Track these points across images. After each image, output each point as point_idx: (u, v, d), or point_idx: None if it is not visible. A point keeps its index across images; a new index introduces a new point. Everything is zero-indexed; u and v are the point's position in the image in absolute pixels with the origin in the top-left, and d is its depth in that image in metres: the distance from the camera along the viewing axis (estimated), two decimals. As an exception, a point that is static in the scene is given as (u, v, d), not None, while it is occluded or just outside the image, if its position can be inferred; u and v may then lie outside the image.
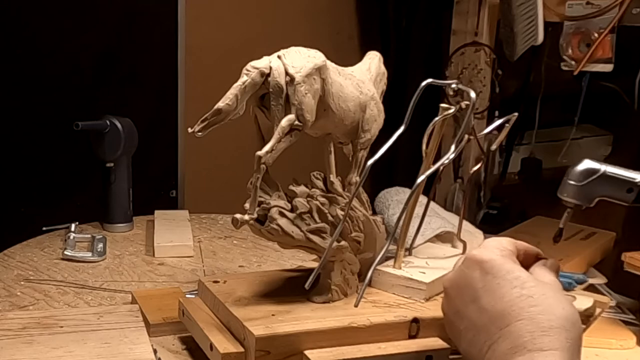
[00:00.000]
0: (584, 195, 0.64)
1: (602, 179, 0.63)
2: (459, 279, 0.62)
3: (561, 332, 0.55)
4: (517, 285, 0.58)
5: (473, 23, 1.60)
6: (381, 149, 0.70)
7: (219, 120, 0.71)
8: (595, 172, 0.63)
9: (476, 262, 0.61)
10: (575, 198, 0.64)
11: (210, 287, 0.80)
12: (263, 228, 0.74)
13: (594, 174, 0.63)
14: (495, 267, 0.60)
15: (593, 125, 2.09)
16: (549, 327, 0.55)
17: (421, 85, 0.74)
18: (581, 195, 0.64)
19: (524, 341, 0.54)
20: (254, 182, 0.71)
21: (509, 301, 0.57)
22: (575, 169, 0.64)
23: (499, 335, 0.56)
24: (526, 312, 0.56)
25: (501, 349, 0.56)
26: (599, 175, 0.63)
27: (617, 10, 1.35)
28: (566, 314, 0.56)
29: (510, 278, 0.59)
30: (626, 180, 0.62)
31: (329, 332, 0.71)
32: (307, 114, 0.72)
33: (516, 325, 0.56)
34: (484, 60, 1.61)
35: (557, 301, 0.57)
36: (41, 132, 1.46)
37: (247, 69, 0.72)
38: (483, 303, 0.59)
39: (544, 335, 0.54)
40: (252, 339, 0.69)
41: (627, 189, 0.62)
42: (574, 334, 0.56)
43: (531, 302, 0.56)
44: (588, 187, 0.63)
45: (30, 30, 1.42)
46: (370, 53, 0.87)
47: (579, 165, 0.64)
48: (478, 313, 0.59)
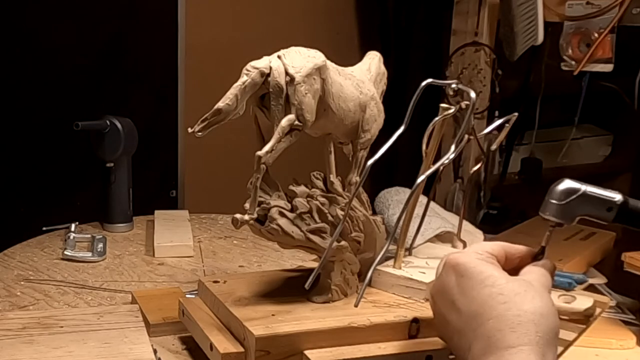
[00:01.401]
0: (565, 214, 0.64)
1: (582, 198, 0.63)
2: (439, 284, 0.63)
3: (530, 326, 0.55)
4: (489, 285, 0.58)
5: (473, 23, 1.60)
6: (381, 149, 0.70)
7: (219, 120, 0.71)
8: (576, 192, 0.63)
9: (451, 266, 0.62)
10: (556, 217, 0.65)
11: (210, 287, 0.80)
12: (263, 228, 0.74)
13: (574, 194, 0.63)
14: (468, 270, 0.60)
15: (593, 125, 2.09)
16: (517, 323, 0.55)
17: (421, 85, 0.74)
18: (562, 214, 0.64)
19: (495, 340, 0.55)
20: (254, 182, 0.71)
21: (480, 301, 0.57)
22: (557, 188, 0.64)
23: (474, 337, 0.57)
24: (495, 311, 0.56)
25: (476, 351, 0.56)
26: (579, 195, 0.63)
27: (617, 10, 1.35)
28: (535, 307, 0.56)
29: (482, 278, 0.59)
30: (606, 200, 0.63)
31: (329, 332, 0.71)
32: (307, 114, 0.72)
33: (487, 324, 0.56)
34: (484, 60, 1.61)
35: (526, 296, 0.57)
36: (41, 132, 1.46)
37: (247, 69, 0.72)
38: (459, 305, 0.59)
39: (512, 332, 0.54)
40: (252, 339, 0.69)
41: (607, 208, 0.63)
42: (546, 327, 0.55)
43: (500, 299, 0.56)
44: (569, 206, 0.64)
45: (30, 30, 1.42)
46: (370, 53, 0.87)
47: (559, 185, 0.65)
48: (457, 316, 0.60)
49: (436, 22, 1.93)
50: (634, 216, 0.62)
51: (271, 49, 0.75)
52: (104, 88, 1.51)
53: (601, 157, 2.13)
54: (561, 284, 1.03)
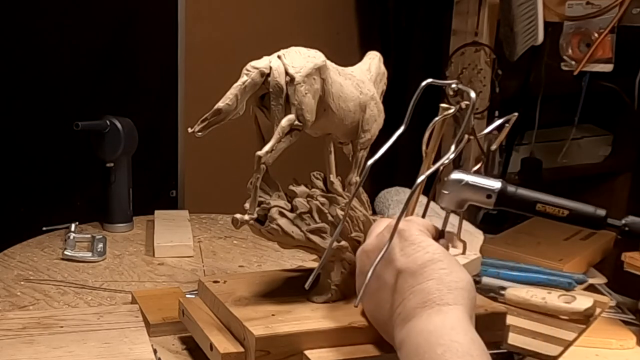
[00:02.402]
0: (453, 202, 0.72)
1: (466, 187, 0.71)
2: (380, 244, 0.68)
3: (464, 292, 0.64)
4: (429, 252, 0.66)
5: (473, 23, 1.60)
6: (381, 149, 0.70)
7: (219, 120, 0.71)
8: (460, 182, 0.71)
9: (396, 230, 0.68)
10: (448, 205, 0.73)
11: (210, 287, 0.80)
12: (263, 228, 0.74)
13: (459, 183, 0.71)
14: (412, 236, 0.67)
15: (593, 125, 2.09)
16: (455, 287, 0.63)
17: (421, 85, 0.74)
18: (451, 202, 0.72)
19: (433, 297, 0.63)
20: (254, 182, 0.71)
21: (421, 264, 0.65)
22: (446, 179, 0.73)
23: (411, 292, 0.64)
24: (436, 274, 0.64)
25: (411, 304, 0.63)
26: (463, 185, 0.71)
27: (617, 10, 1.35)
28: (467, 278, 0.65)
29: (424, 245, 0.67)
30: (486, 188, 0.70)
31: (329, 332, 0.71)
32: (307, 114, 0.72)
33: (427, 284, 0.64)
34: (484, 60, 1.61)
35: (460, 268, 0.66)
36: (41, 132, 1.46)
37: (247, 69, 0.72)
38: (399, 265, 0.66)
39: (449, 293, 0.63)
40: (252, 338, 0.69)
41: (487, 195, 0.70)
42: (473, 295, 0.65)
43: (441, 265, 0.65)
44: (456, 195, 0.72)
45: (30, 30, 1.42)
46: (370, 53, 0.87)
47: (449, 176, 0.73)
48: (393, 273, 0.67)
49: (436, 22, 1.93)
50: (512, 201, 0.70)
51: (271, 49, 0.75)
52: (104, 88, 1.51)
53: (601, 157, 2.13)
54: (561, 284, 1.03)
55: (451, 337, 0.59)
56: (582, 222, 0.70)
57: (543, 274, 1.05)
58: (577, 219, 0.69)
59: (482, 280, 1.01)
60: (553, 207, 0.69)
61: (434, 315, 0.61)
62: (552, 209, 0.69)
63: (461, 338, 0.59)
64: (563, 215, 0.69)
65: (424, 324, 0.61)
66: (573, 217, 0.69)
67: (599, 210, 0.69)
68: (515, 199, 0.70)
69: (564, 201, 0.70)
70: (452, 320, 0.61)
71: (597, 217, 0.69)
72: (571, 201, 0.70)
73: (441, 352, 0.58)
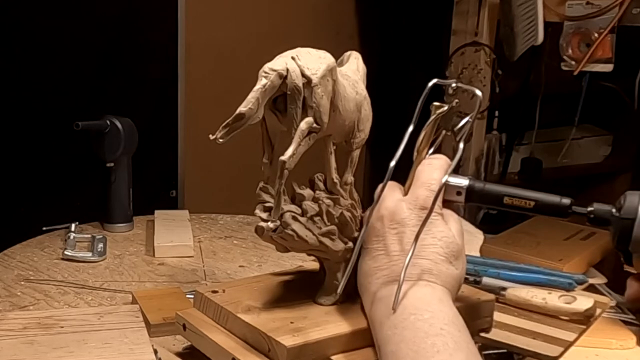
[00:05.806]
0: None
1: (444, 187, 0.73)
2: (399, 212, 0.71)
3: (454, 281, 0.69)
4: (437, 237, 0.69)
5: (473, 23, 1.60)
6: (398, 149, 0.71)
7: (240, 125, 0.68)
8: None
9: (421, 209, 0.70)
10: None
11: (213, 298, 0.77)
12: (276, 234, 0.72)
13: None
14: (436, 220, 0.70)
15: (593, 125, 2.10)
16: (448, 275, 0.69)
17: (428, 85, 0.74)
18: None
19: (429, 268, 0.68)
20: (277, 188, 0.69)
21: (426, 245, 0.69)
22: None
23: (412, 263, 0.67)
24: (440, 257, 0.69)
25: (409, 274, 0.67)
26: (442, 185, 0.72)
27: (617, 10, 1.35)
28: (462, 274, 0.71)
29: (437, 233, 0.70)
30: (455, 186, 0.73)
31: (351, 335, 0.70)
32: (324, 116, 0.71)
33: (422, 261, 0.68)
34: (484, 60, 1.61)
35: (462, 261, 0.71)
36: (41, 132, 1.46)
37: (264, 71, 0.69)
38: (405, 238, 0.69)
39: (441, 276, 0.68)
40: (282, 349, 0.66)
41: (457, 192, 0.73)
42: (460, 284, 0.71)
43: (440, 251, 0.69)
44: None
45: (30, 30, 1.42)
46: (354, 53, 0.86)
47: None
48: (397, 241, 0.70)
49: (436, 22, 1.93)
50: (480, 196, 0.72)
51: (271, 49, 0.75)
52: (104, 88, 1.51)
53: (601, 157, 2.13)
54: (561, 284, 1.03)
55: (439, 307, 0.65)
56: (548, 211, 0.71)
57: (543, 274, 1.05)
58: (543, 209, 0.71)
59: (482, 281, 1.00)
60: (520, 199, 0.71)
61: (424, 286, 0.67)
62: (518, 201, 0.71)
63: (447, 309, 0.65)
64: (530, 207, 0.71)
65: (413, 290, 0.66)
66: (539, 207, 0.70)
67: (564, 199, 0.70)
68: (484, 194, 0.73)
69: (530, 192, 0.71)
70: (440, 294, 0.67)
71: (562, 205, 0.70)
72: (537, 192, 0.71)
73: (429, 316, 0.63)
